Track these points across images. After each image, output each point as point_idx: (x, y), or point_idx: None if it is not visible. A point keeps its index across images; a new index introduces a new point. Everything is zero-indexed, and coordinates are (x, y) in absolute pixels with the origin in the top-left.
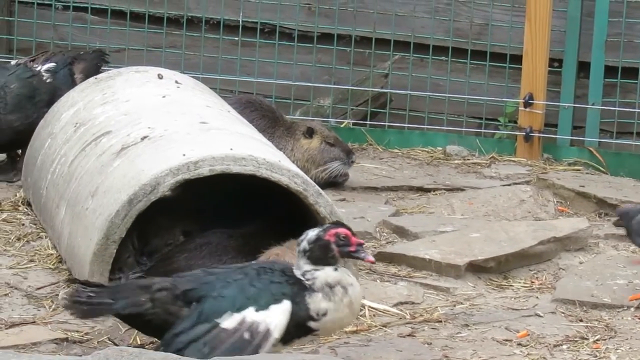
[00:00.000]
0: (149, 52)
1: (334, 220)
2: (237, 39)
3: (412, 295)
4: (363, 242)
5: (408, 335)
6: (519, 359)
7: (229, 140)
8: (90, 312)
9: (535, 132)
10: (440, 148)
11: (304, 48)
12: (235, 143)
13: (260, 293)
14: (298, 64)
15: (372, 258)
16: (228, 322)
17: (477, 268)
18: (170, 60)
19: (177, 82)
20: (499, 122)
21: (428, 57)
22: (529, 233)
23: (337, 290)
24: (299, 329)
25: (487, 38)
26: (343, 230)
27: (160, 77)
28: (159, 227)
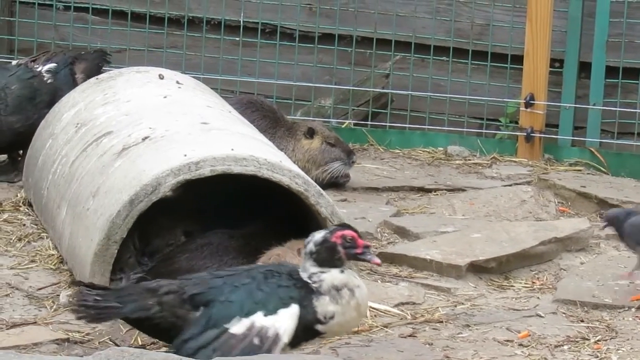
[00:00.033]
0: (150, 52)
1: (340, 222)
2: (238, 39)
3: (413, 296)
4: (370, 244)
5: (409, 336)
6: None
7: (230, 141)
8: (98, 316)
9: (536, 132)
10: (442, 148)
11: (305, 48)
12: (237, 143)
13: (269, 297)
14: (299, 64)
15: (378, 260)
16: (237, 327)
17: (478, 268)
18: (172, 61)
19: (178, 82)
20: (500, 122)
21: (429, 57)
22: (530, 233)
23: (344, 293)
24: (307, 332)
25: (488, 38)
26: (349, 232)
27: (162, 77)
28: (160, 227)
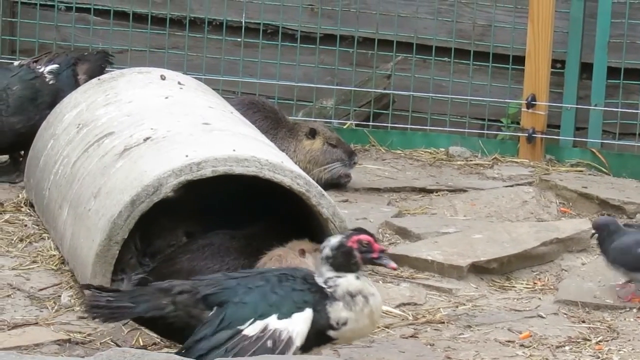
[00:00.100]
0: (152, 53)
1: (356, 227)
2: (239, 40)
3: (414, 297)
4: (385, 248)
5: (411, 337)
6: None
7: (232, 142)
8: (111, 315)
9: (538, 133)
10: (443, 149)
11: (307, 49)
12: (238, 144)
13: (283, 300)
14: (301, 65)
15: (394, 265)
16: (250, 329)
17: (479, 269)
18: (173, 61)
19: (179, 83)
20: (502, 123)
21: (431, 58)
22: (532, 234)
23: (358, 300)
24: (319, 337)
25: (489, 39)
26: (365, 237)
27: (163, 78)
28: (162, 228)
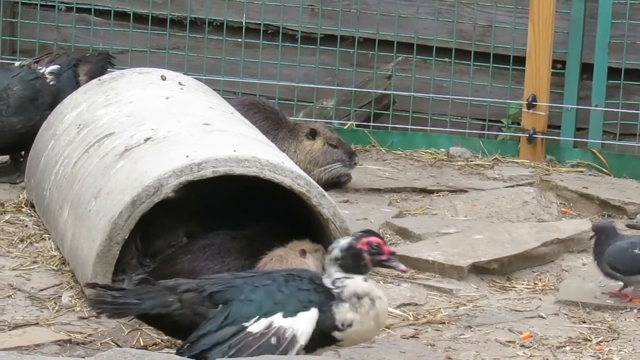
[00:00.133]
0: (152, 53)
1: (365, 229)
2: (240, 41)
3: (415, 297)
4: (395, 250)
5: (411, 337)
6: None
7: (232, 142)
8: (117, 311)
9: (539, 133)
10: (444, 149)
11: (308, 49)
12: (239, 144)
13: (288, 299)
14: (301, 66)
15: (403, 267)
16: (255, 326)
17: (480, 269)
18: (174, 62)
19: (180, 83)
20: (502, 123)
21: (431, 58)
22: (532, 234)
23: (364, 302)
24: (324, 338)
25: (490, 39)
26: (375, 239)
27: (164, 78)
28: (162, 228)
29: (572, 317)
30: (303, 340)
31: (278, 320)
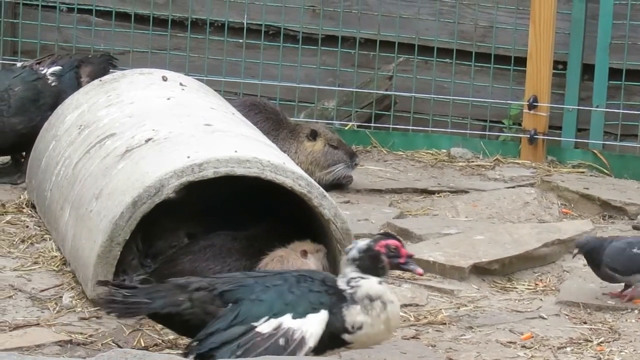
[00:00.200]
0: (154, 54)
1: (384, 232)
2: (241, 41)
3: (416, 298)
4: (412, 254)
5: (412, 338)
6: None
7: (233, 143)
8: (127, 311)
9: (540, 134)
10: (445, 150)
11: (309, 50)
12: (240, 145)
13: (299, 300)
14: (302, 66)
15: (421, 270)
16: (264, 326)
17: (481, 270)
18: (175, 63)
19: (181, 84)
20: (503, 124)
21: (432, 59)
22: (533, 235)
23: (376, 305)
24: (333, 340)
25: (491, 40)
26: (393, 242)
27: (165, 79)
28: (163, 229)
29: (573, 317)
30: (312, 343)
31: (287, 322)
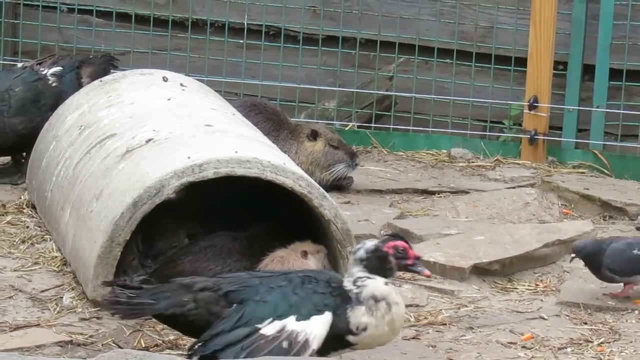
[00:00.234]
0: (154, 54)
1: (392, 233)
2: (242, 42)
3: (416, 298)
4: (420, 255)
5: (412, 338)
6: None
7: (234, 143)
8: (131, 312)
9: (540, 134)
10: (445, 151)
11: (309, 51)
12: (240, 146)
13: (303, 302)
14: (303, 67)
15: (428, 272)
16: (268, 328)
17: (481, 271)
18: (175, 63)
19: (182, 84)
20: (504, 124)
21: (433, 59)
22: (534, 236)
23: (380, 306)
24: (337, 342)
25: (492, 41)
26: (401, 243)
27: (165, 79)
28: (164, 229)
29: (573, 318)
30: (315, 345)
31: (291, 324)
